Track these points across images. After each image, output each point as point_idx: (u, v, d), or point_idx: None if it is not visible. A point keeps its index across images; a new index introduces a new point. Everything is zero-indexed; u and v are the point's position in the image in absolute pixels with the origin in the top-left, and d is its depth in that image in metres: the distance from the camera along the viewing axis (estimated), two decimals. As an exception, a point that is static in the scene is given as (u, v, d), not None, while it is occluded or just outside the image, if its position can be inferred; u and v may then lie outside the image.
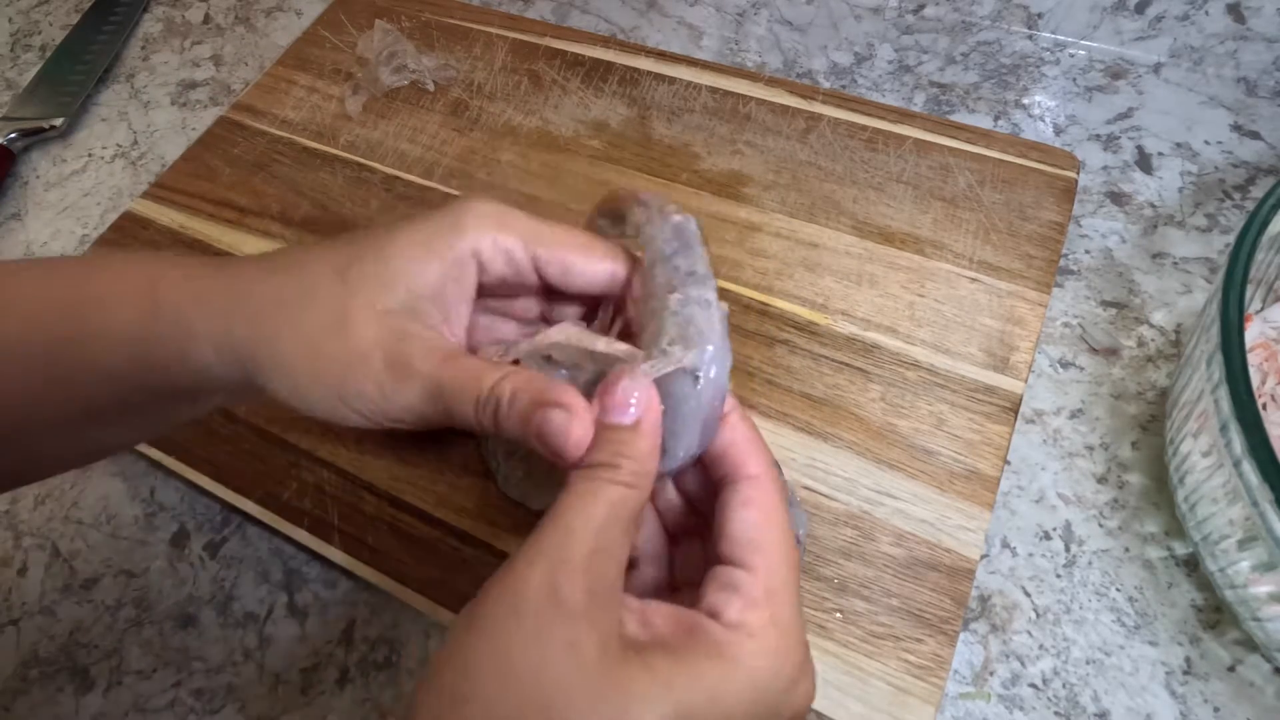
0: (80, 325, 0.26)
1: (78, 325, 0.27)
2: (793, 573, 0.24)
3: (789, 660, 0.22)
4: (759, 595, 0.22)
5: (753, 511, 0.24)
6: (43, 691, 0.40)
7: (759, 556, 0.23)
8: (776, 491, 0.25)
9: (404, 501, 0.41)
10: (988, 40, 0.59)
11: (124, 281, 0.27)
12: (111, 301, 0.27)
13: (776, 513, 0.24)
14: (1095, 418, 0.43)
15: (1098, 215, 0.50)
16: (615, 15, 0.64)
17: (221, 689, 0.39)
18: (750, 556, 0.23)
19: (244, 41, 0.67)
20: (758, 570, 0.23)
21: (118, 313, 0.26)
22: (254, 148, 0.57)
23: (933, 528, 0.38)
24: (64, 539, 0.44)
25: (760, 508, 0.24)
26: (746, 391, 0.43)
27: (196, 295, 0.26)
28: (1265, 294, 0.41)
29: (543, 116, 0.56)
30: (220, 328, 0.26)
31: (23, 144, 0.61)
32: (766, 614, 0.22)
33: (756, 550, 0.23)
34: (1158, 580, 0.38)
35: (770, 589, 0.23)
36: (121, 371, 0.27)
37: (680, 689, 0.20)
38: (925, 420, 0.41)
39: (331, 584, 0.42)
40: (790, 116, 0.54)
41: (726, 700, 0.21)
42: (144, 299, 0.26)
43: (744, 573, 0.23)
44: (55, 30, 0.70)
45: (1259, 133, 0.52)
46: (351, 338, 0.25)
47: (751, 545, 0.23)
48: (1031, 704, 0.36)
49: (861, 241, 0.48)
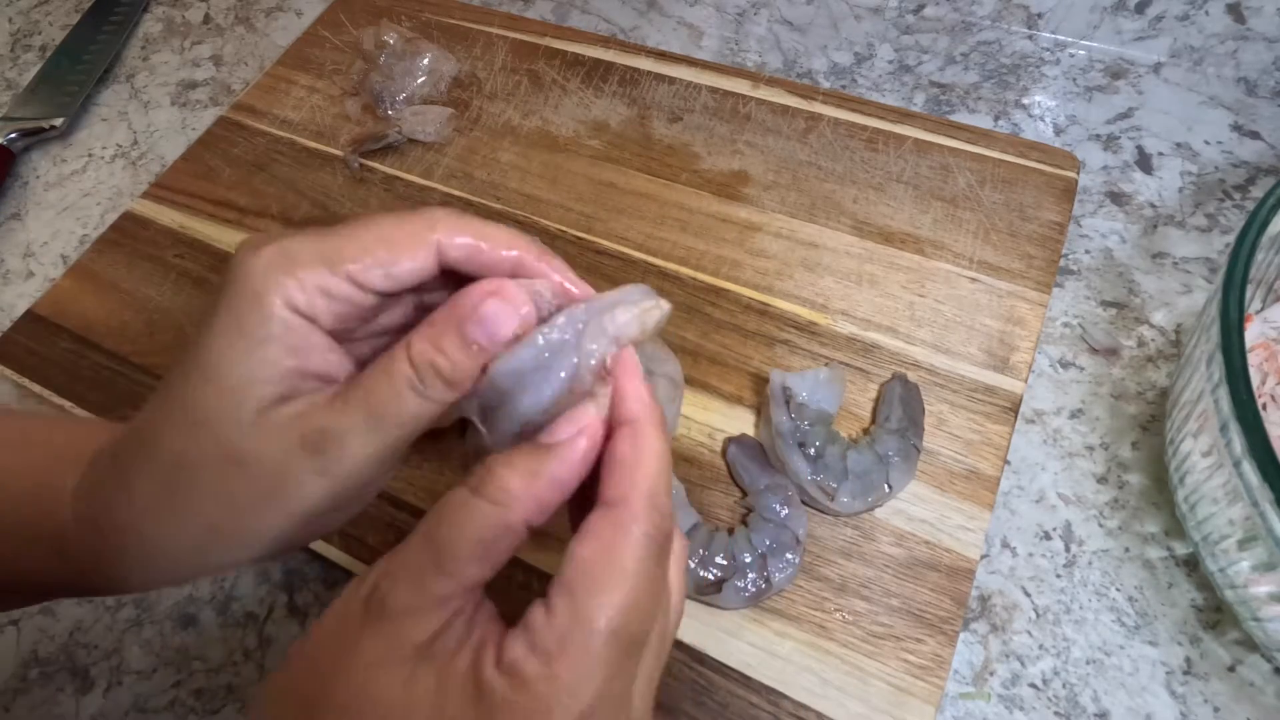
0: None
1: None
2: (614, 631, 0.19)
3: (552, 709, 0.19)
4: (547, 645, 0.19)
5: (585, 546, 0.20)
6: (43, 691, 0.40)
7: (565, 601, 0.20)
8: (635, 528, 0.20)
9: (404, 501, 0.41)
10: (988, 40, 0.59)
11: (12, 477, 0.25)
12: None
13: (614, 556, 0.20)
14: (1095, 418, 0.43)
15: (1098, 215, 0.50)
16: (615, 15, 0.64)
17: (221, 689, 0.39)
18: (556, 598, 0.20)
19: (244, 41, 0.67)
20: (557, 616, 0.19)
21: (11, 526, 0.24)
22: (254, 148, 0.57)
23: (933, 528, 0.38)
24: (64, 539, 0.44)
25: (596, 544, 0.20)
26: (748, 392, 0.43)
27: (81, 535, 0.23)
28: (1265, 294, 0.41)
29: (543, 116, 0.56)
30: (111, 556, 0.23)
31: (23, 144, 0.61)
32: (542, 669, 0.19)
33: (565, 593, 0.20)
34: (1158, 580, 0.38)
35: (563, 640, 0.19)
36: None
37: (420, 713, 0.19)
38: (925, 420, 0.41)
39: (331, 584, 0.42)
40: (790, 116, 0.54)
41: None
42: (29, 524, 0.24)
43: (543, 614, 0.20)
44: (55, 30, 0.70)
45: (1259, 133, 0.52)
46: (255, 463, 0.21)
47: (562, 586, 0.20)
48: (1031, 704, 0.36)
49: (861, 241, 0.48)
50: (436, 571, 0.20)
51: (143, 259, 0.52)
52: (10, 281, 0.55)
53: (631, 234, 0.49)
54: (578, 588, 0.20)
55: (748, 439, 0.41)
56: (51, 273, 0.55)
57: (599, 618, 0.19)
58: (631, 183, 0.52)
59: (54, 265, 0.55)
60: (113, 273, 0.52)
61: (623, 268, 0.48)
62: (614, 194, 0.52)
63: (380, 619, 0.20)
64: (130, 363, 0.48)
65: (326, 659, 0.20)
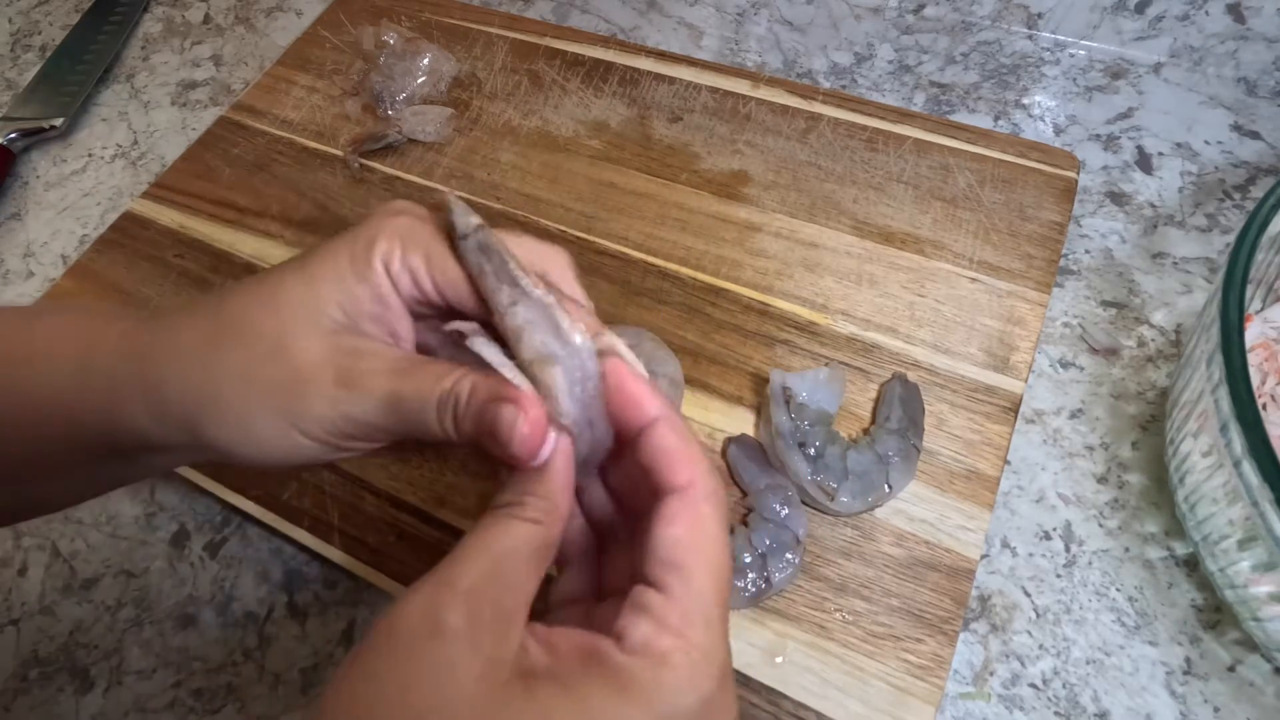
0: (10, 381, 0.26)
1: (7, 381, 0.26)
2: (718, 598, 0.22)
3: (696, 691, 0.20)
4: (672, 620, 0.21)
5: (675, 528, 0.22)
6: (43, 691, 0.40)
7: (676, 578, 0.21)
8: (708, 504, 0.22)
9: (404, 501, 0.41)
10: (988, 40, 0.59)
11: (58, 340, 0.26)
12: (42, 361, 0.26)
13: (703, 530, 0.22)
14: (1095, 418, 0.43)
15: (1098, 215, 0.50)
16: (615, 15, 0.64)
17: (221, 689, 0.39)
18: (667, 577, 0.21)
19: (244, 41, 0.67)
20: (674, 593, 0.21)
21: (48, 373, 0.26)
22: (254, 148, 0.57)
23: (933, 528, 0.38)
24: (64, 539, 0.44)
25: (684, 523, 0.22)
26: (748, 392, 0.43)
27: (126, 355, 0.25)
28: (1265, 294, 0.41)
29: (543, 116, 0.56)
30: (152, 385, 0.25)
31: (23, 144, 0.61)
32: (676, 641, 0.20)
33: (675, 571, 0.21)
34: (1158, 580, 0.38)
35: (686, 614, 0.21)
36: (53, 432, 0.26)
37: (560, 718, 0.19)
38: (925, 420, 0.41)
39: (331, 584, 0.42)
40: (790, 116, 0.54)
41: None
42: (76, 360, 0.26)
43: (658, 595, 0.21)
44: (55, 30, 0.70)
45: (1259, 133, 0.52)
46: (294, 359, 0.24)
47: (669, 565, 0.21)
48: (1031, 704, 0.36)
49: (861, 241, 0.48)
50: (502, 591, 0.21)
51: (143, 259, 0.52)
52: (10, 281, 0.55)
53: (631, 234, 0.49)
54: (684, 564, 0.21)
55: (748, 439, 0.41)
56: (51, 273, 0.55)
57: (711, 589, 0.21)
58: (631, 183, 0.52)
59: (54, 265, 0.55)
60: (113, 273, 0.52)
61: (622, 267, 0.48)
62: (614, 194, 0.52)
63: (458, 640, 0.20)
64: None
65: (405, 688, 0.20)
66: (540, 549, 0.22)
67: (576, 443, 0.24)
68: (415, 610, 0.20)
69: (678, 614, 0.21)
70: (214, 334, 0.24)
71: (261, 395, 0.24)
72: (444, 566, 0.21)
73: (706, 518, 0.22)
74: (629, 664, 0.20)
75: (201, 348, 0.24)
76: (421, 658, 0.19)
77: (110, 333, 0.26)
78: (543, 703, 0.19)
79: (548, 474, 0.23)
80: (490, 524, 0.22)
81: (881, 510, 0.39)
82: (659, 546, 0.22)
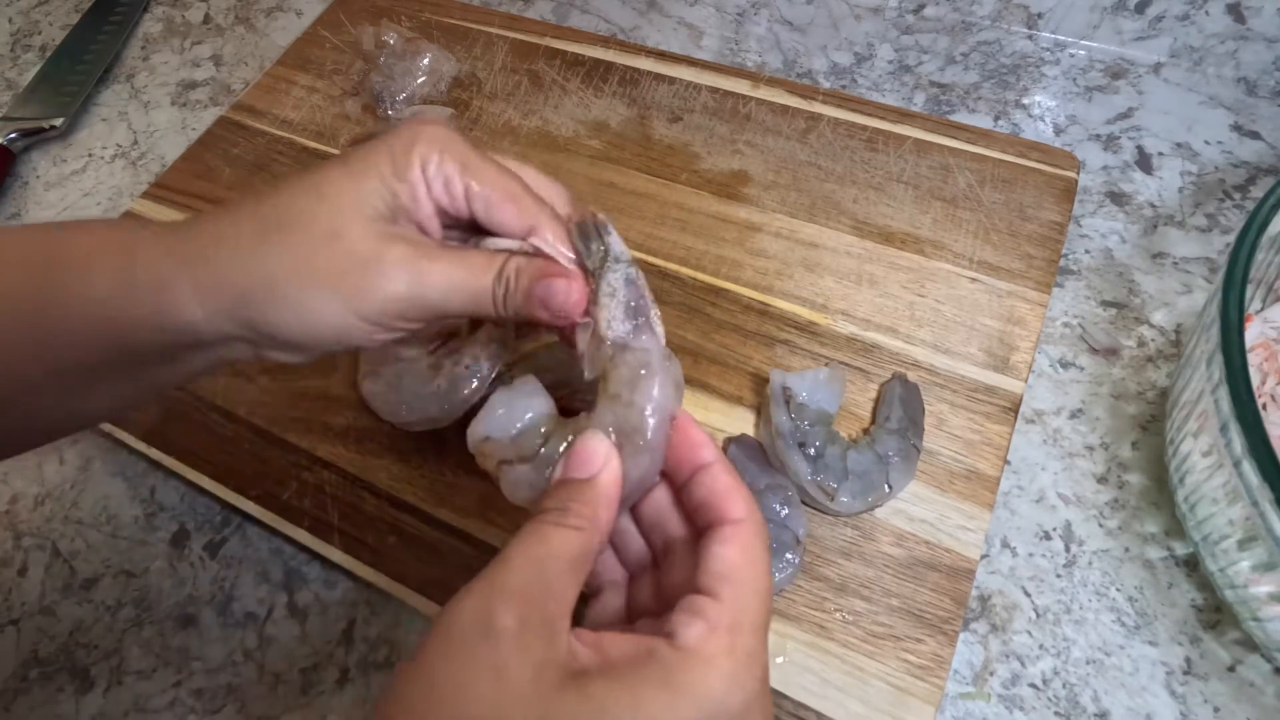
0: (53, 289, 0.26)
1: (50, 289, 0.26)
2: (763, 612, 0.23)
3: (742, 690, 0.22)
4: (722, 623, 0.22)
5: (731, 549, 0.24)
6: (43, 691, 0.40)
7: (729, 587, 0.23)
8: (757, 535, 0.25)
9: (404, 501, 0.41)
10: (988, 40, 0.59)
11: (98, 244, 0.27)
12: (85, 264, 0.26)
13: (755, 552, 0.24)
14: (1095, 418, 0.43)
15: (1098, 215, 0.50)
16: (615, 15, 0.64)
17: (221, 689, 0.39)
18: (720, 586, 0.23)
19: (244, 41, 0.67)
20: (725, 600, 0.23)
21: (92, 274, 0.26)
22: (254, 148, 0.57)
23: (933, 528, 0.38)
24: (64, 539, 0.44)
25: (739, 546, 0.24)
26: (748, 392, 0.43)
27: (171, 249, 0.26)
28: (1265, 294, 0.41)
29: (543, 116, 0.56)
30: (205, 279, 0.26)
31: (23, 144, 0.61)
32: (726, 641, 0.22)
33: (728, 581, 0.23)
34: (1158, 580, 0.38)
35: (736, 620, 0.22)
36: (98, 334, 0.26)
37: (615, 712, 0.20)
38: (925, 420, 0.41)
39: (331, 584, 0.42)
40: (790, 116, 0.54)
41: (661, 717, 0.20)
42: (119, 259, 0.26)
43: (711, 601, 0.23)
44: (55, 30, 0.70)
45: (1259, 133, 0.52)
46: (351, 245, 0.26)
47: (723, 577, 0.23)
48: (1031, 704, 0.36)
49: (861, 241, 0.48)
50: (547, 595, 0.22)
51: (143, 259, 0.52)
52: (10, 281, 0.55)
53: (631, 234, 0.49)
54: (736, 580, 0.23)
55: (748, 439, 0.41)
56: (51, 273, 0.55)
57: (757, 603, 0.23)
58: (631, 183, 0.52)
59: (54, 265, 0.55)
60: (113, 273, 0.52)
61: (623, 268, 0.48)
62: (614, 194, 0.52)
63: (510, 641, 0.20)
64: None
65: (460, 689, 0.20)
66: (580, 557, 0.23)
67: (629, 467, 0.25)
68: (468, 612, 0.21)
69: (728, 618, 0.22)
70: (264, 225, 0.26)
71: (320, 280, 0.25)
72: (491, 570, 0.22)
73: (757, 547, 0.24)
74: (680, 661, 0.21)
75: (251, 239, 0.26)
76: (475, 659, 0.20)
77: (145, 234, 0.27)
78: (597, 699, 0.20)
79: (594, 485, 0.24)
80: (534, 530, 0.23)
81: (881, 510, 0.39)
82: (714, 562, 0.24)
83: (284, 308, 0.26)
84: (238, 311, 0.26)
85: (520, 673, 0.20)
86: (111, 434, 0.45)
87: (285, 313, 0.26)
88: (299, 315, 0.26)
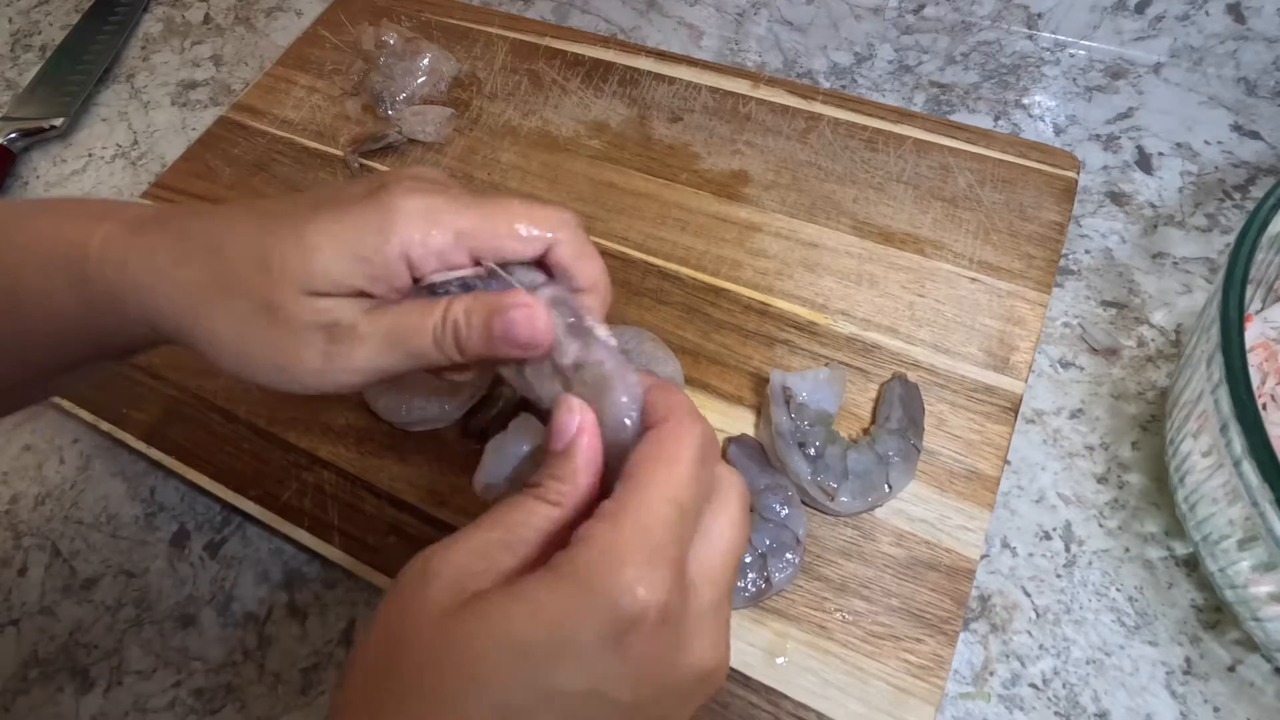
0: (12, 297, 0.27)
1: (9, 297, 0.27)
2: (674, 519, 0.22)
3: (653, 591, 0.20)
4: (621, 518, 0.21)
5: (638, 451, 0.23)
6: (43, 691, 0.40)
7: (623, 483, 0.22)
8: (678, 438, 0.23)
9: (404, 501, 0.41)
10: (988, 40, 0.59)
11: (52, 246, 0.27)
12: (39, 271, 0.27)
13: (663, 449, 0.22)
14: (1095, 418, 0.43)
15: (1098, 215, 0.50)
16: (615, 15, 0.64)
17: (221, 689, 0.39)
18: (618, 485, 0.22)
19: (244, 41, 0.67)
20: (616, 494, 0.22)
21: (50, 284, 0.27)
22: (254, 148, 0.57)
23: (933, 528, 0.38)
24: (64, 539, 0.44)
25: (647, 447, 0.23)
26: (748, 392, 0.43)
27: (121, 268, 0.27)
28: (1265, 294, 0.41)
29: (543, 116, 0.56)
30: (150, 306, 0.26)
31: (23, 144, 0.61)
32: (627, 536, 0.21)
33: (626, 477, 0.22)
34: (1158, 580, 0.38)
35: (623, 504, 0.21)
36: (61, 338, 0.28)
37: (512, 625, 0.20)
38: (925, 420, 0.41)
39: (331, 584, 0.42)
40: (790, 116, 0.54)
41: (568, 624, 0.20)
42: (74, 268, 0.27)
43: (609, 500, 0.22)
44: (55, 30, 0.70)
45: (1259, 133, 0.52)
46: (284, 321, 0.25)
47: (624, 474, 0.22)
48: (1031, 704, 0.36)
49: (861, 241, 0.48)
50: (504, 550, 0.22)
51: (143, 259, 0.52)
52: (10, 281, 0.55)
53: (631, 234, 0.49)
54: (635, 472, 0.22)
55: (748, 439, 0.41)
56: (51, 273, 0.55)
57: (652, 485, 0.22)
58: (631, 183, 0.52)
59: (54, 265, 0.55)
60: (113, 273, 0.52)
61: (623, 268, 0.48)
62: (614, 194, 0.52)
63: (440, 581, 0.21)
64: (130, 362, 0.48)
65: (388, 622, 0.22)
66: (552, 529, 0.23)
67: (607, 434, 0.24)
68: (414, 565, 0.22)
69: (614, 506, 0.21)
70: (209, 280, 0.26)
71: (251, 347, 0.26)
72: (460, 530, 0.23)
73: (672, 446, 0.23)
74: (576, 556, 0.21)
75: (197, 291, 0.26)
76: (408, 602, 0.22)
77: (98, 236, 0.27)
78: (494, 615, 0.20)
79: (569, 457, 0.24)
80: (511, 500, 0.23)
81: (881, 510, 0.39)
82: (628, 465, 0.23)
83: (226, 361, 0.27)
84: (190, 348, 0.27)
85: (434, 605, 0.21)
86: (111, 434, 0.45)
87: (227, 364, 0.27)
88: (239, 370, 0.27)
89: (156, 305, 0.26)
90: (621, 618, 0.20)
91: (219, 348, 0.26)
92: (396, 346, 0.26)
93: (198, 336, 0.26)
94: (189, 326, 0.26)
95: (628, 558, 0.20)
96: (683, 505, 0.22)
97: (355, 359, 0.26)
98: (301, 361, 0.26)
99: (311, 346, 0.26)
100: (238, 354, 0.26)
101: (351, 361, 0.26)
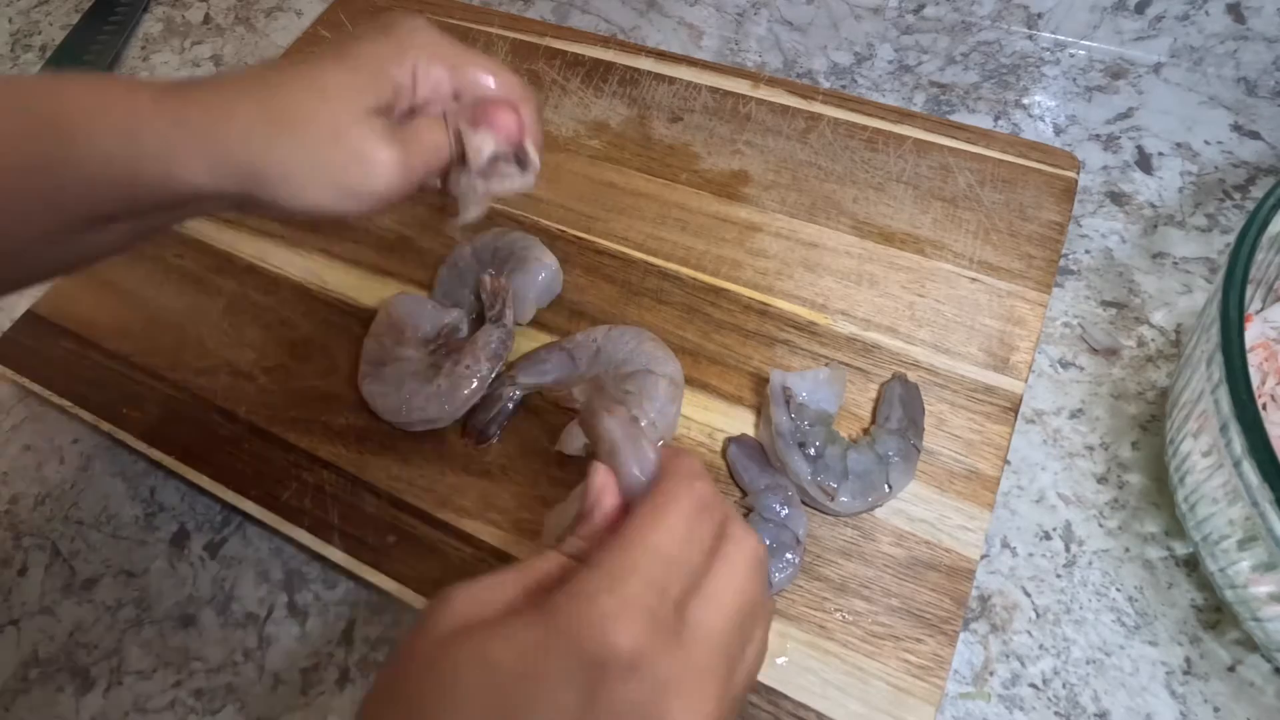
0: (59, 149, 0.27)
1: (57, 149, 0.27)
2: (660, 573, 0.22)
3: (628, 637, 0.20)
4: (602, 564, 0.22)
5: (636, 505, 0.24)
6: (43, 691, 0.40)
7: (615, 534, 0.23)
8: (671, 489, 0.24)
9: (404, 501, 0.41)
10: (988, 40, 0.59)
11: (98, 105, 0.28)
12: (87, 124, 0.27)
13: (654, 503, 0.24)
14: (1095, 418, 0.43)
15: (1098, 215, 0.50)
16: (615, 15, 0.64)
17: (221, 689, 0.39)
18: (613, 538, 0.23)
19: (244, 41, 0.67)
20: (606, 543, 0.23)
21: (97, 136, 0.27)
22: (254, 148, 0.57)
23: (933, 528, 0.38)
24: (64, 539, 0.44)
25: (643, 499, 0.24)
26: (748, 392, 0.43)
27: (178, 120, 0.28)
28: (1265, 294, 0.41)
29: (542, 116, 0.56)
30: (217, 152, 0.28)
31: (23, 144, 0.61)
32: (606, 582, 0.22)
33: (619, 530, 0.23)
34: (1158, 580, 0.38)
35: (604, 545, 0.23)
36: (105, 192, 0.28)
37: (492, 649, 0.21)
38: (925, 420, 0.41)
39: (331, 584, 0.42)
40: (790, 116, 0.54)
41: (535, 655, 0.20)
42: (123, 122, 0.27)
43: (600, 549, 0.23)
44: (55, 30, 0.70)
45: (1259, 133, 0.52)
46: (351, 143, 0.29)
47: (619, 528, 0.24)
48: (1031, 704, 0.36)
49: (861, 241, 0.48)
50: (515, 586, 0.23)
51: (143, 259, 0.52)
52: (10, 281, 0.55)
53: (631, 234, 0.49)
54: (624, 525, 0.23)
55: (748, 439, 0.41)
56: (51, 273, 0.55)
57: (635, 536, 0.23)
58: (631, 183, 0.52)
59: (54, 265, 0.55)
60: (113, 273, 0.52)
61: (623, 268, 0.48)
62: (614, 194, 0.52)
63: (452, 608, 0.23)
64: (130, 362, 0.48)
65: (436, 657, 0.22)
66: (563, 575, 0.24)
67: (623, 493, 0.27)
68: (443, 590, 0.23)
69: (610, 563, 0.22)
70: (274, 117, 0.28)
71: (324, 174, 0.29)
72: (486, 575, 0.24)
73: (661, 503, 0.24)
74: (551, 594, 0.22)
75: (264, 128, 0.28)
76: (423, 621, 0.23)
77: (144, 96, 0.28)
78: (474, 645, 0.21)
79: (591, 520, 0.26)
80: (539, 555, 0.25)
81: (881, 510, 0.39)
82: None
83: (290, 192, 0.29)
84: (246, 184, 0.28)
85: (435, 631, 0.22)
86: (111, 434, 0.45)
87: (290, 195, 0.29)
88: (302, 198, 0.29)
89: (224, 148, 0.28)
90: (587, 657, 0.20)
91: (287, 177, 0.28)
92: (434, 157, 0.31)
93: (268, 172, 0.28)
94: (258, 161, 0.28)
95: (598, 600, 0.21)
96: (668, 558, 0.23)
97: (414, 168, 0.30)
98: (372, 173, 0.29)
99: (377, 161, 0.29)
100: (304, 182, 0.29)
101: (413, 174, 0.30)
